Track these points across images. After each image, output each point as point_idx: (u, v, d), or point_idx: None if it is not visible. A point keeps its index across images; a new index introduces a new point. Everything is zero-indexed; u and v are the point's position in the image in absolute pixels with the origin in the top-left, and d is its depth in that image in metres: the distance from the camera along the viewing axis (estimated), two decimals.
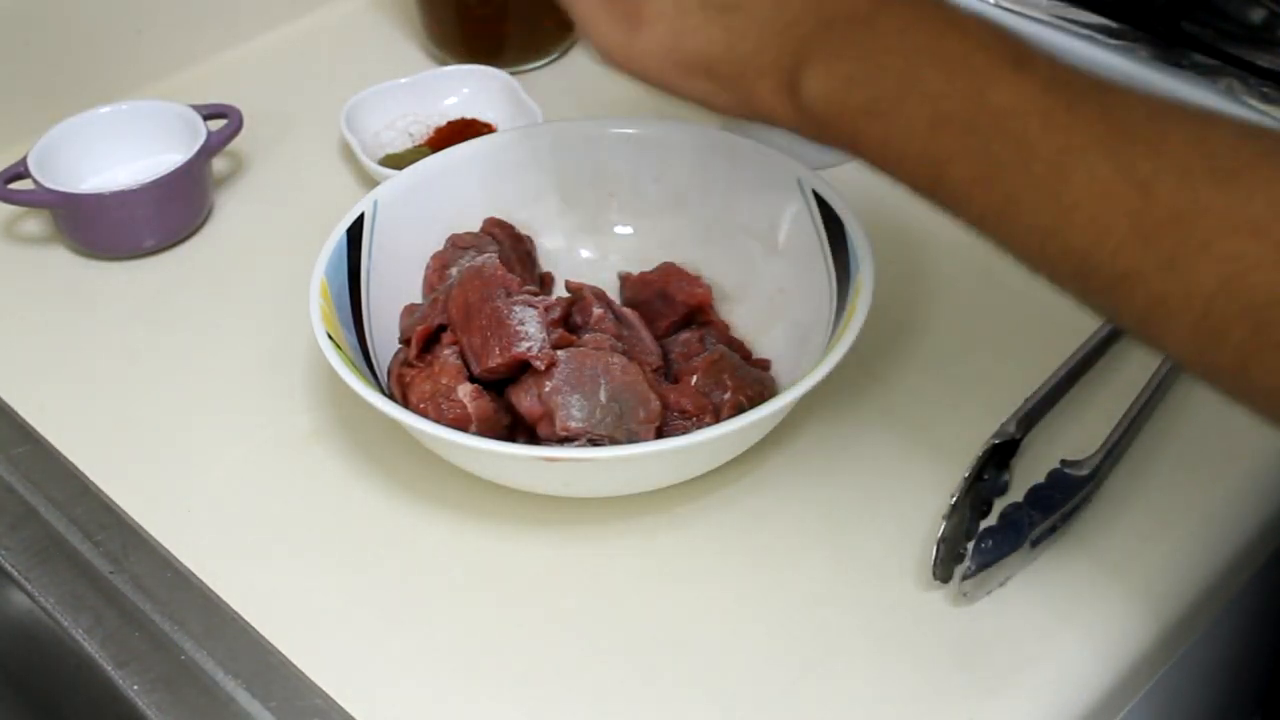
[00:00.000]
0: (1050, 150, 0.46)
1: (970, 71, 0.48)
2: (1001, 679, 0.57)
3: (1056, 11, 0.85)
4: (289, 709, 0.57)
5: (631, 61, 0.56)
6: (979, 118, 0.48)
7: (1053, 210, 0.46)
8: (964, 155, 0.48)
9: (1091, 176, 0.45)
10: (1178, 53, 0.81)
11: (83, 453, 0.69)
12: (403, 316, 0.71)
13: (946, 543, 0.59)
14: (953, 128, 0.48)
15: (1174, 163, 0.44)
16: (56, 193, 0.79)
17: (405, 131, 0.89)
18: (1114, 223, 0.44)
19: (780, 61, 0.52)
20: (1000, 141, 0.47)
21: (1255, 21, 0.81)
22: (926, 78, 0.49)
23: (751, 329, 0.72)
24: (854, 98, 0.50)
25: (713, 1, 0.54)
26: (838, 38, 0.51)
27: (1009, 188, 0.47)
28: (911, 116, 0.49)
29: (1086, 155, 0.45)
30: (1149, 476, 0.65)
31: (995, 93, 0.47)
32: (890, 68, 0.50)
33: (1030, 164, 0.46)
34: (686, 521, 0.64)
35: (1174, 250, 0.43)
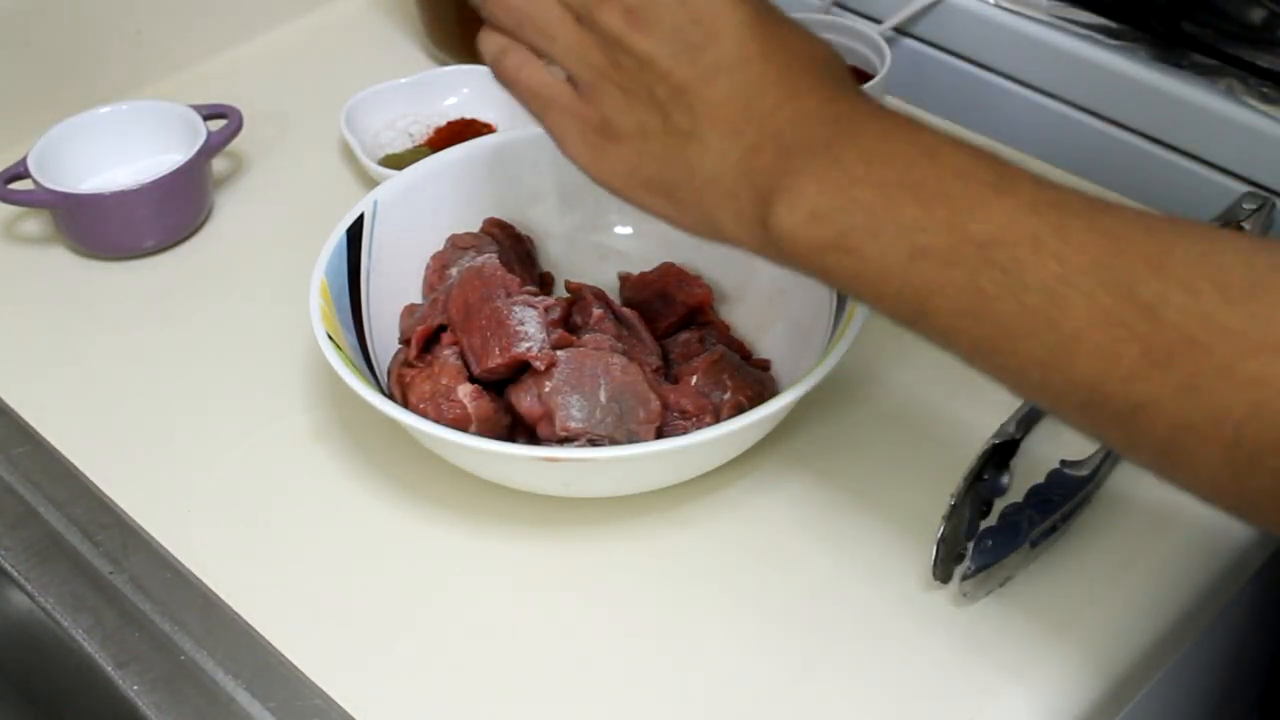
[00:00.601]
0: (1043, 279, 0.43)
1: (946, 199, 0.46)
2: (1001, 679, 0.57)
3: (1056, 11, 0.85)
4: (289, 709, 0.57)
5: (599, 175, 0.55)
6: (961, 249, 0.45)
7: (1052, 341, 0.44)
8: (948, 289, 0.46)
9: (1092, 303, 0.43)
10: (1178, 53, 0.81)
11: (83, 453, 0.69)
12: (403, 316, 0.71)
13: (946, 543, 0.60)
14: (933, 261, 0.46)
15: (1179, 282, 0.42)
16: (56, 193, 0.79)
17: (405, 131, 0.89)
18: (1123, 350, 0.42)
19: (739, 192, 0.51)
20: (987, 273, 0.44)
21: (1255, 21, 0.81)
22: (899, 209, 0.47)
23: (751, 329, 0.72)
24: (821, 233, 0.48)
25: (673, 128, 0.52)
26: (802, 170, 0.49)
27: (1001, 320, 0.45)
28: (886, 251, 0.47)
29: (1083, 279, 0.43)
30: (1148, 477, 0.64)
31: (977, 221, 0.45)
32: (859, 200, 0.47)
33: (1022, 295, 0.44)
34: (686, 521, 0.64)
35: (1193, 376, 0.41)
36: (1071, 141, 0.85)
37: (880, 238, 0.47)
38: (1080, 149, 0.84)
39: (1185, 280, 0.42)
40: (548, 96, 0.55)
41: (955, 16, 0.88)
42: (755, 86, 0.51)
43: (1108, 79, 0.82)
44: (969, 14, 0.87)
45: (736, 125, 0.51)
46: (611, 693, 0.57)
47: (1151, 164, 0.82)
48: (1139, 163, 0.82)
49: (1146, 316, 0.42)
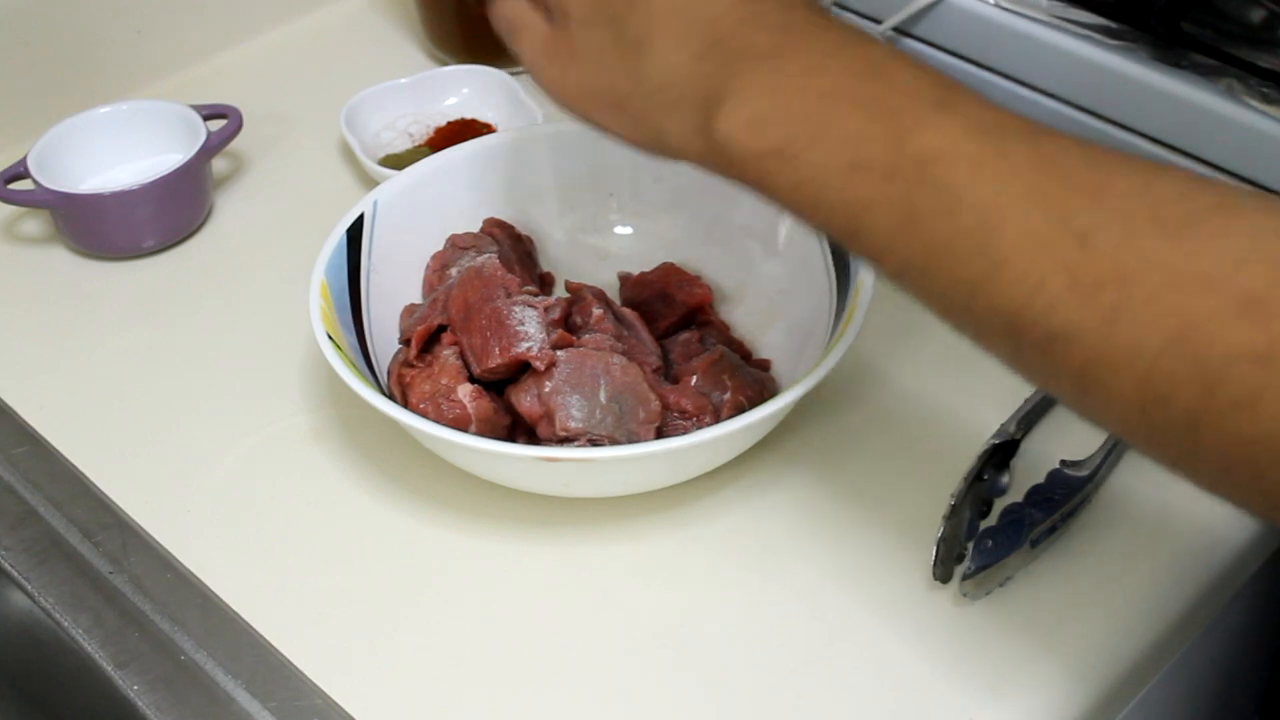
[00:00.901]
0: (978, 199, 0.43)
1: (889, 114, 0.46)
2: (1001, 679, 0.57)
3: (1056, 11, 0.85)
4: (289, 709, 0.57)
5: (560, 95, 0.56)
6: (900, 164, 0.45)
7: (981, 263, 0.43)
8: (883, 203, 0.45)
9: (1024, 227, 0.42)
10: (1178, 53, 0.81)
11: (83, 453, 0.69)
12: (403, 316, 0.71)
13: (946, 543, 0.60)
14: (871, 174, 0.45)
15: (1116, 213, 0.41)
16: (56, 193, 0.79)
17: (405, 131, 0.89)
18: (1049, 277, 0.42)
19: (684, 99, 0.51)
20: (923, 189, 0.44)
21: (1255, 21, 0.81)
22: (841, 120, 0.46)
23: (751, 329, 0.72)
24: (764, 139, 0.48)
25: (623, 39, 0.52)
26: (745, 75, 0.49)
27: (933, 238, 0.44)
28: (826, 161, 0.46)
29: (1018, 204, 0.43)
30: (1149, 477, 0.65)
31: (917, 137, 0.45)
32: (801, 110, 0.47)
33: (956, 214, 0.43)
34: (686, 521, 0.64)
35: (1115, 306, 0.41)
36: None
37: (820, 147, 0.46)
38: None
39: (1122, 211, 0.42)
40: (520, 24, 0.57)
41: (955, 16, 0.88)
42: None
43: (1108, 79, 0.82)
44: (969, 14, 0.87)
45: (686, 30, 0.51)
46: (612, 692, 0.57)
47: None
48: None
49: (1078, 244, 0.41)
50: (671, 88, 0.51)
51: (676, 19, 0.51)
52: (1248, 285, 0.39)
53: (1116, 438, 0.65)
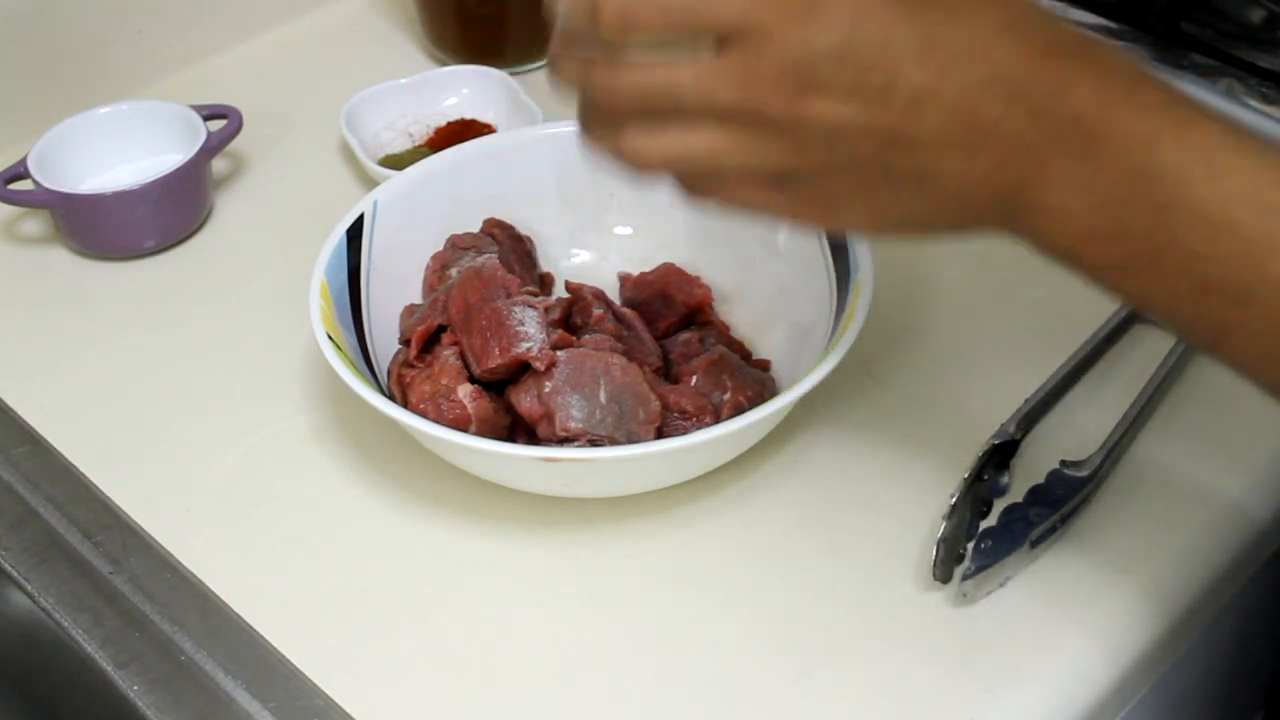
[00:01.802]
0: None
1: (1233, 230, 0.41)
2: (1001, 679, 0.57)
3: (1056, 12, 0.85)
4: (289, 709, 0.57)
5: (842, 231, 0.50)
6: (1256, 290, 0.41)
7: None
8: (1249, 324, 0.42)
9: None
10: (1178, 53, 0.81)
11: (83, 453, 0.68)
12: (403, 317, 0.71)
13: (946, 543, 0.59)
14: (1225, 296, 0.42)
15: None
16: (56, 193, 0.79)
17: (405, 132, 0.89)
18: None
19: (993, 214, 0.45)
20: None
21: (1255, 21, 0.81)
22: (1179, 239, 0.42)
23: (751, 329, 0.72)
24: (1100, 255, 0.44)
25: (899, 176, 0.45)
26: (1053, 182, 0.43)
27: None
28: (1171, 279, 0.43)
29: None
30: (1149, 476, 0.65)
31: (1275, 260, 0.40)
32: (1133, 223, 0.42)
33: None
34: (686, 521, 0.64)
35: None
36: None
37: (1163, 264, 0.42)
38: None
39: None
40: (759, 207, 0.48)
41: None
42: (973, 99, 0.43)
43: None
44: None
45: (971, 146, 0.44)
46: (612, 692, 0.57)
47: None
48: None
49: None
50: (976, 202, 0.45)
51: (951, 136, 0.44)
52: None
53: (1116, 437, 0.65)
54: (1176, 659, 0.62)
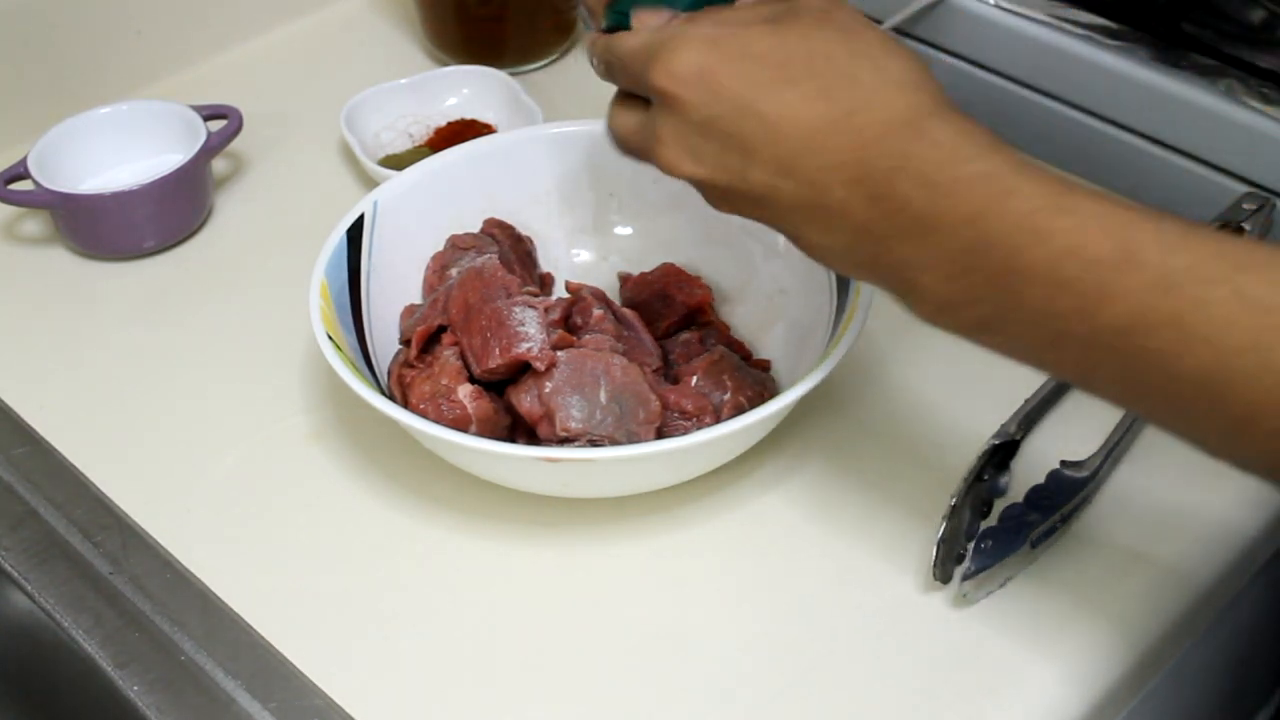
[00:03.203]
0: (1197, 366, 0.42)
1: (1067, 287, 0.44)
2: (1001, 679, 0.57)
3: (1056, 11, 0.85)
4: (289, 709, 0.57)
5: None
6: (1099, 337, 0.44)
7: (1224, 420, 0.42)
8: (1103, 366, 0.44)
9: (1256, 388, 0.41)
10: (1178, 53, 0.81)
11: (83, 453, 0.68)
12: (403, 317, 0.71)
13: (947, 543, 0.60)
14: (1075, 345, 0.44)
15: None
16: (56, 193, 0.79)
17: (405, 132, 0.89)
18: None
19: (875, 280, 0.50)
20: (1136, 358, 0.43)
21: (1255, 22, 0.81)
22: (1022, 301, 0.45)
23: (751, 329, 0.72)
24: (960, 320, 0.48)
25: (799, 238, 0.51)
26: (908, 260, 0.48)
27: (1166, 397, 0.43)
28: (1028, 335, 0.46)
29: (1241, 365, 0.41)
30: (1149, 477, 0.65)
31: (1107, 309, 0.43)
32: (979, 292, 0.46)
33: (1179, 381, 0.42)
34: (686, 521, 0.64)
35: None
36: (1071, 141, 0.85)
37: (1016, 324, 0.46)
38: (1080, 149, 0.84)
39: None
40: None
41: (955, 16, 0.88)
42: (816, 185, 0.49)
43: (1108, 79, 0.82)
44: (969, 14, 0.87)
45: (826, 225, 0.50)
46: (611, 692, 0.57)
47: (1151, 164, 0.82)
48: (1139, 163, 0.82)
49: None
50: (861, 269, 0.51)
51: (807, 213, 0.50)
52: None
53: (1116, 438, 0.65)
54: (1177, 659, 0.62)
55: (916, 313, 0.49)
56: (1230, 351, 0.41)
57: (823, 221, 0.50)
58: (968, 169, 0.46)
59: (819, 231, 0.50)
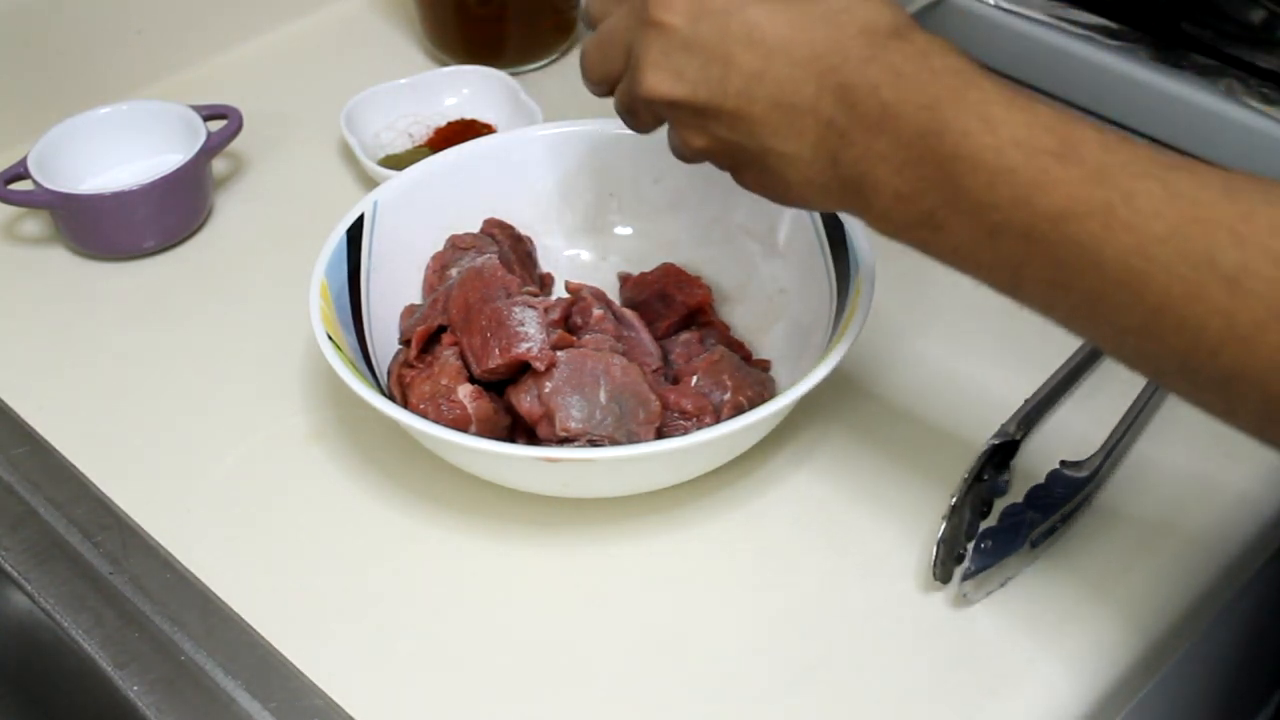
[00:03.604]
0: (1119, 252, 0.43)
1: (1009, 175, 0.45)
2: (1001, 679, 0.57)
3: (1056, 12, 0.85)
4: (289, 709, 0.57)
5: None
6: (1035, 225, 0.45)
7: (1139, 312, 0.43)
8: (1033, 261, 0.46)
9: (1171, 276, 0.42)
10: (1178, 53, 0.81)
11: (83, 453, 0.68)
12: (403, 317, 0.71)
13: (946, 543, 0.60)
14: (1012, 236, 0.46)
15: (1265, 251, 0.40)
16: (56, 193, 0.79)
17: (405, 132, 0.89)
18: (1207, 323, 0.41)
19: (831, 186, 0.52)
20: (1065, 247, 0.44)
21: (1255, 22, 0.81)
22: (965, 188, 0.47)
23: (751, 329, 0.72)
24: (909, 213, 0.49)
25: (751, 153, 0.53)
26: (867, 153, 0.49)
27: (1087, 291, 0.44)
28: (969, 227, 0.47)
29: (1161, 251, 0.42)
30: (1149, 477, 0.65)
31: (1043, 196, 0.45)
32: (929, 179, 0.48)
33: (1101, 268, 0.43)
34: (687, 521, 0.64)
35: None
36: None
37: (960, 214, 0.47)
38: None
39: (1270, 249, 0.41)
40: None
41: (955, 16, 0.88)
42: (789, 84, 0.51)
43: (1108, 79, 0.82)
44: (969, 14, 0.87)
45: (793, 128, 0.51)
46: (612, 692, 0.57)
47: None
48: None
49: (1228, 289, 0.41)
50: (815, 179, 0.52)
51: (778, 120, 0.52)
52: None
53: (1116, 438, 0.65)
54: (1177, 658, 0.62)
55: (868, 217, 0.51)
56: (1151, 239, 0.42)
57: (790, 124, 0.51)
58: (938, 62, 0.49)
59: (785, 138, 0.52)
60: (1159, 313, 0.43)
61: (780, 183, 0.54)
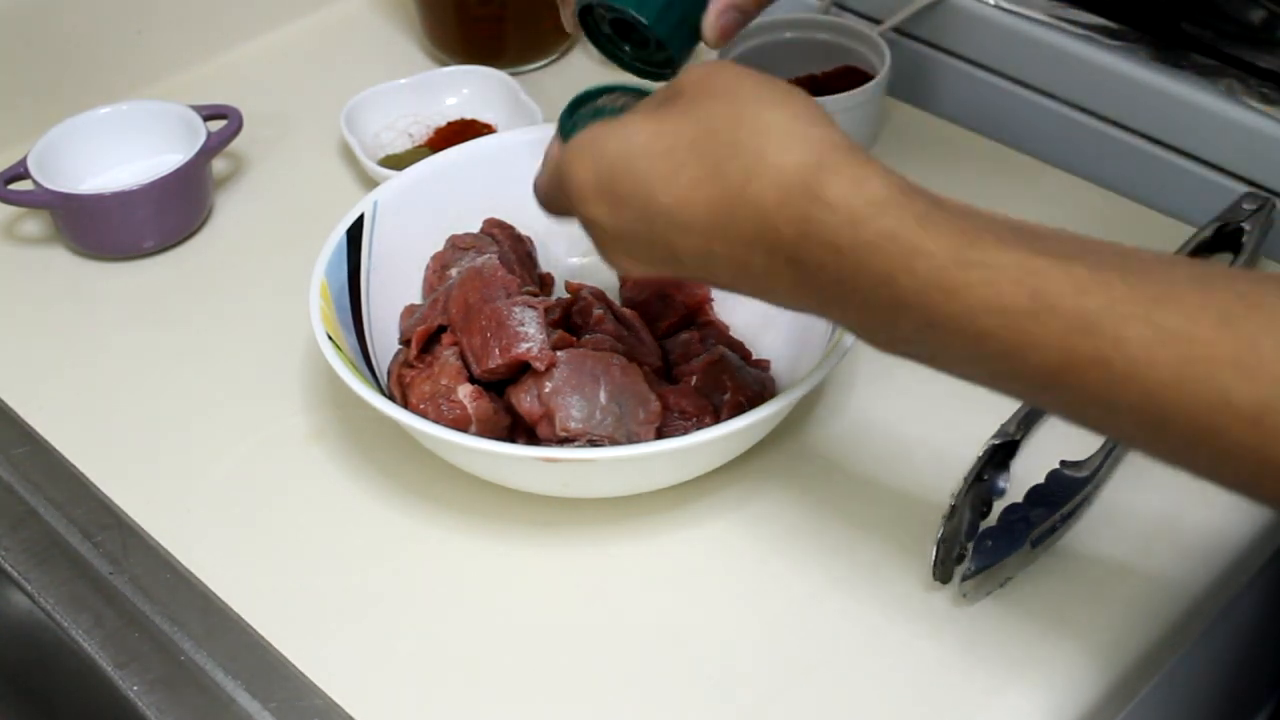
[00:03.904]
0: (1132, 402, 0.42)
1: (990, 338, 0.44)
2: (1001, 679, 0.57)
3: (1056, 11, 0.85)
4: (289, 709, 0.57)
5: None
6: (1034, 378, 0.44)
7: (1167, 447, 0.43)
8: (1046, 402, 0.46)
9: (1189, 419, 0.42)
10: (1178, 53, 0.81)
11: (83, 453, 0.69)
12: (403, 317, 0.71)
13: (947, 543, 0.59)
14: (1014, 383, 0.46)
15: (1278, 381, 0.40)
16: (56, 193, 0.79)
17: (405, 132, 0.89)
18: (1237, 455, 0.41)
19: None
20: (1073, 392, 0.44)
21: (1255, 22, 0.81)
22: (952, 346, 0.46)
23: (752, 329, 0.72)
24: (906, 354, 0.49)
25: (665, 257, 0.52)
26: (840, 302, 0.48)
27: (1113, 428, 0.45)
28: (969, 374, 0.47)
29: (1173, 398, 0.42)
30: (1148, 477, 0.65)
31: (1033, 354, 0.44)
32: (912, 337, 0.47)
33: (1118, 414, 0.43)
34: (686, 521, 0.64)
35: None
36: (1072, 142, 0.85)
37: (956, 363, 0.47)
38: (1081, 149, 0.84)
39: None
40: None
41: (955, 17, 0.88)
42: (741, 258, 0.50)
43: (1108, 79, 0.82)
44: (969, 14, 0.87)
45: (762, 287, 0.51)
46: (612, 692, 0.57)
47: (1151, 164, 0.82)
48: (1139, 163, 0.82)
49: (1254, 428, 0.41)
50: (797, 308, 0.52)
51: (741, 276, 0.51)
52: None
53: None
54: (1177, 658, 0.62)
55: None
56: (1157, 385, 0.41)
57: (761, 287, 0.51)
58: (869, 230, 0.46)
59: (762, 295, 0.52)
60: (1195, 444, 0.42)
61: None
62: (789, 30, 0.88)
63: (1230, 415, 0.40)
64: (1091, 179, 0.82)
